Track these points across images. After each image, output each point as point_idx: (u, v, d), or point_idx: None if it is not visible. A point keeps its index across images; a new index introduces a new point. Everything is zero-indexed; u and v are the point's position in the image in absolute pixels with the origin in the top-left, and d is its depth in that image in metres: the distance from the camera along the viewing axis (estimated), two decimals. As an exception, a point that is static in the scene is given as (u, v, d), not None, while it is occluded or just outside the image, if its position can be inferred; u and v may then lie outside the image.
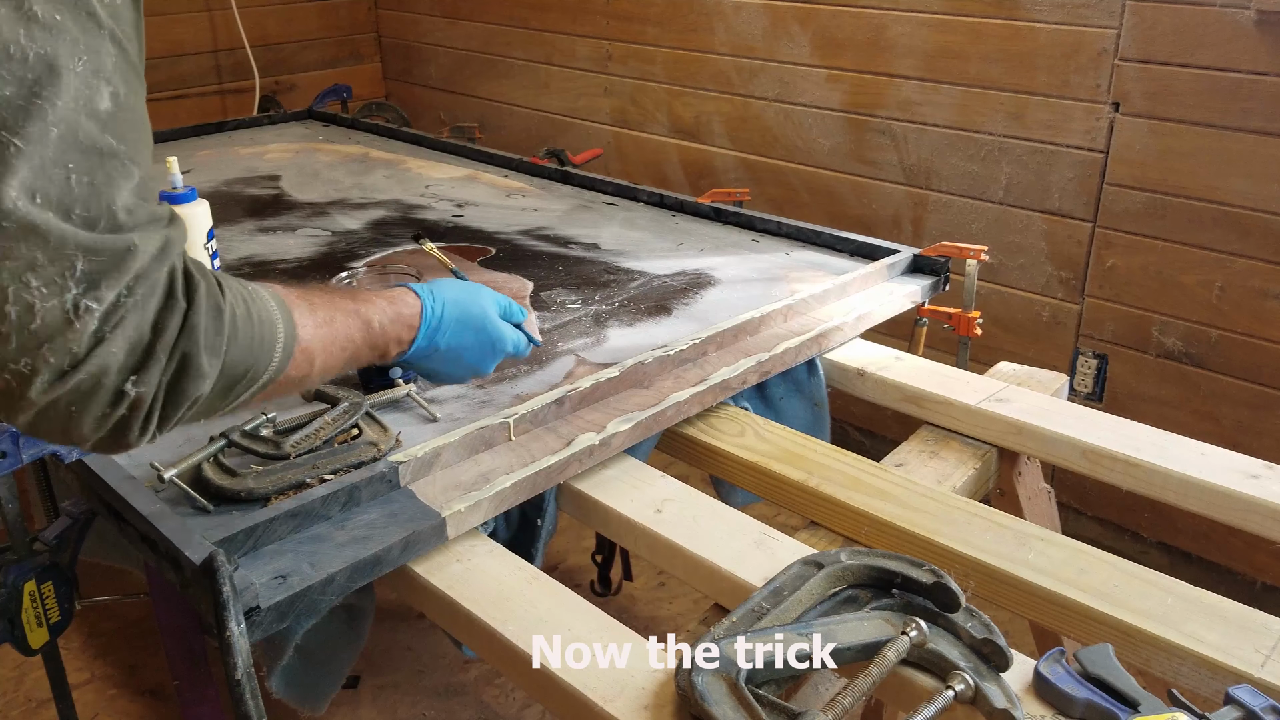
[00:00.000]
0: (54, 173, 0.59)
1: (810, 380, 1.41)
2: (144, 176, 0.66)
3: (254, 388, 0.77)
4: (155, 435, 0.69)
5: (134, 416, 0.66)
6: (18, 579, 1.02)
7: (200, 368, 0.69)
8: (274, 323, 0.79)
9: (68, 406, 0.63)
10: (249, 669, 0.79)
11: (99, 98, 0.61)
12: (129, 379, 0.65)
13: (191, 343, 0.68)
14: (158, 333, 0.66)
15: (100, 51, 0.62)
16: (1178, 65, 1.86)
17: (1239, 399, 1.95)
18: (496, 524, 1.09)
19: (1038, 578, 0.97)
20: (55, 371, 0.62)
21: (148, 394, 0.66)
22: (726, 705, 0.76)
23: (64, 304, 0.61)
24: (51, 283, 0.60)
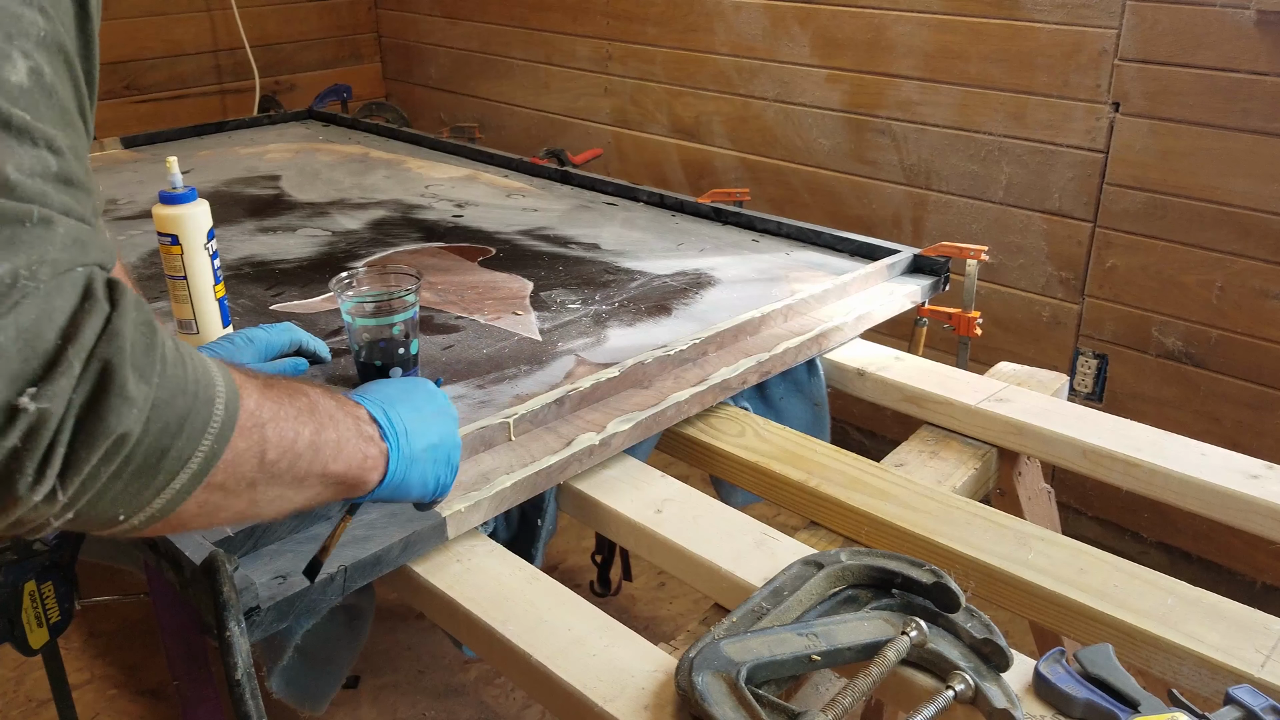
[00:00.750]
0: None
1: (810, 380, 1.41)
2: (65, 170, 0.53)
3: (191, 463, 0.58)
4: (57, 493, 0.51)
5: (28, 450, 0.49)
6: (18, 579, 1.02)
7: (125, 387, 0.52)
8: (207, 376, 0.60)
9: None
10: (249, 669, 0.79)
11: (9, 67, 0.50)
12: (25, 389, 0.48)
13: (115, 350, 0.52)
14: (69, 336, 0.50)
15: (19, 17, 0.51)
16: (1178, 65, 1.86)
17: (1239, 399, 1.95)
18: (496, 524, 1.09)
19: (1038, 578, 0.97)
20: None
21: (51, 413, 0.49)
22: (726, 705, 0.76)
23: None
24: None
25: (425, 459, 0.81)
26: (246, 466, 0.63)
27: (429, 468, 0.82)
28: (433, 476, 0.83)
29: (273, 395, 0.66)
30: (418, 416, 0.81)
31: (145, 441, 0.54)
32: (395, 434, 0.78)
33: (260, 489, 0.66)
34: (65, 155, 0.53)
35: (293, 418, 0.67)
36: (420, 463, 0.81)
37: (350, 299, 1.18)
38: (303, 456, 0.68)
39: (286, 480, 0.68)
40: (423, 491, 0.83)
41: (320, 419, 0.71)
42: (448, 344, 1.36)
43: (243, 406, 0.62)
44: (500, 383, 1.25)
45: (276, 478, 0.66)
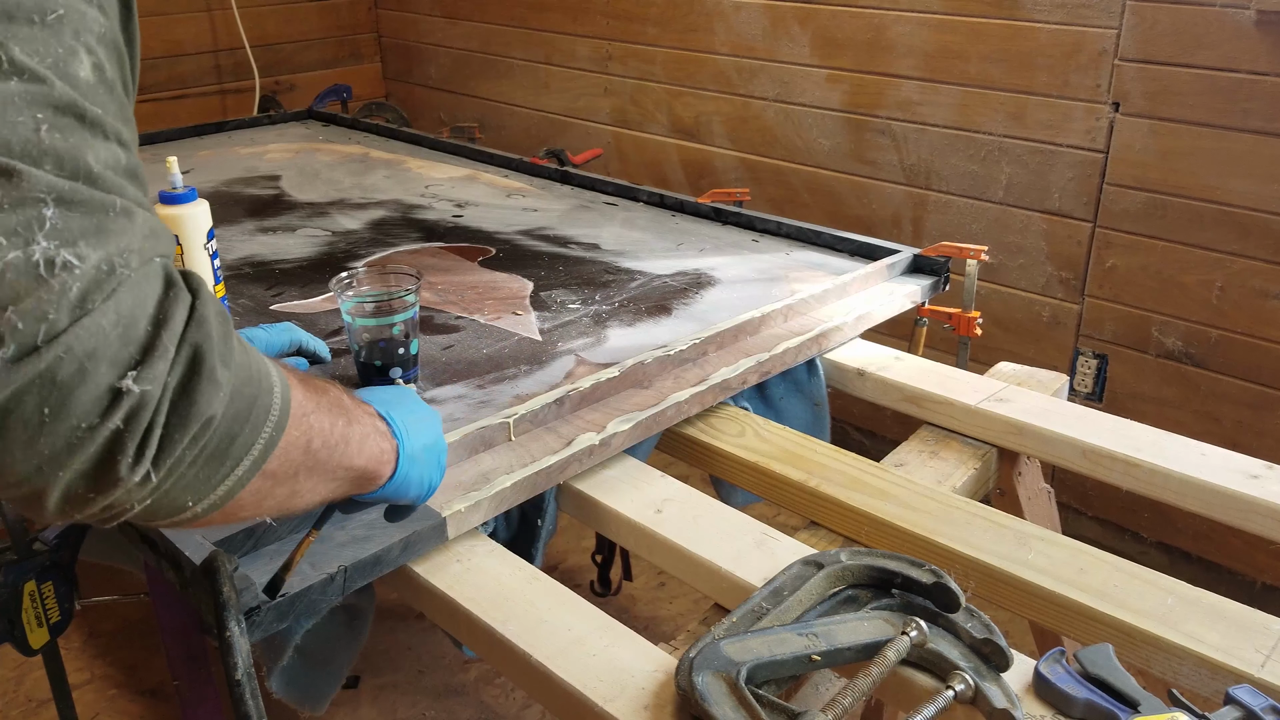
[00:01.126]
0: (18, 122, 0.49)
1: (810, 380, 1.41)
2: (132, 164, 0.55)
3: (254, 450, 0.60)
4: (150, 475, 0.53)
5: (130, 432, 0.51)
6: (18, 579, 1.02)
7: (213, 370, 0.55)
8: (264, 366, 0.63)
9: (40, 406, 0.49)
10: (249, 669, 0.79)
11: (77, 62, 0.52)
12: (127, 373, 0.51)
13: (203, 336, 0.55)
14: (161, 321, 0.53)
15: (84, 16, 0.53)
16: (1178, 65, 1.86)
17: (1239, 399, 1.95)
18: (496, 524, 1.09)
19: (1038, 578, 0.97)
20: (24, 343, 0.48)
21: (152, 395, 0.52)
22: (726, 705, 0.76)
23: (30, 256, 0.48)
24: (12, 232, 0.48)
25: (423, 458, 0.83)
26: (295, 455, 0.65)
27: (425, 468, 0.84)
28: (428, 476, 0.85)
29: (310, 388, 0.69)
30: (414, 418, 0.83)
31: (222, 426, 0.56)
32: (400, 433, 0.80)
33: (302, 478, 0.68)
34: (130, 149, 0.55)
35: (328, 410, 0.70)
36: (419, 462, 0.83)
37: (350, 299, 1.18)
38: (337, 448, 0.71)
39: (323, 471, 0.70)
40: (419, 490, 0.84)
41: (348, 413, 0.73)
42: (448, 344, 1.36)
43: (294, 397, 0.64)
44: (500, 383, 1.25)
45: (316, 468, 0.69)
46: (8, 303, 0.47)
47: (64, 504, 0.53)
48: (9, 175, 0.48)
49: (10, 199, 0.48)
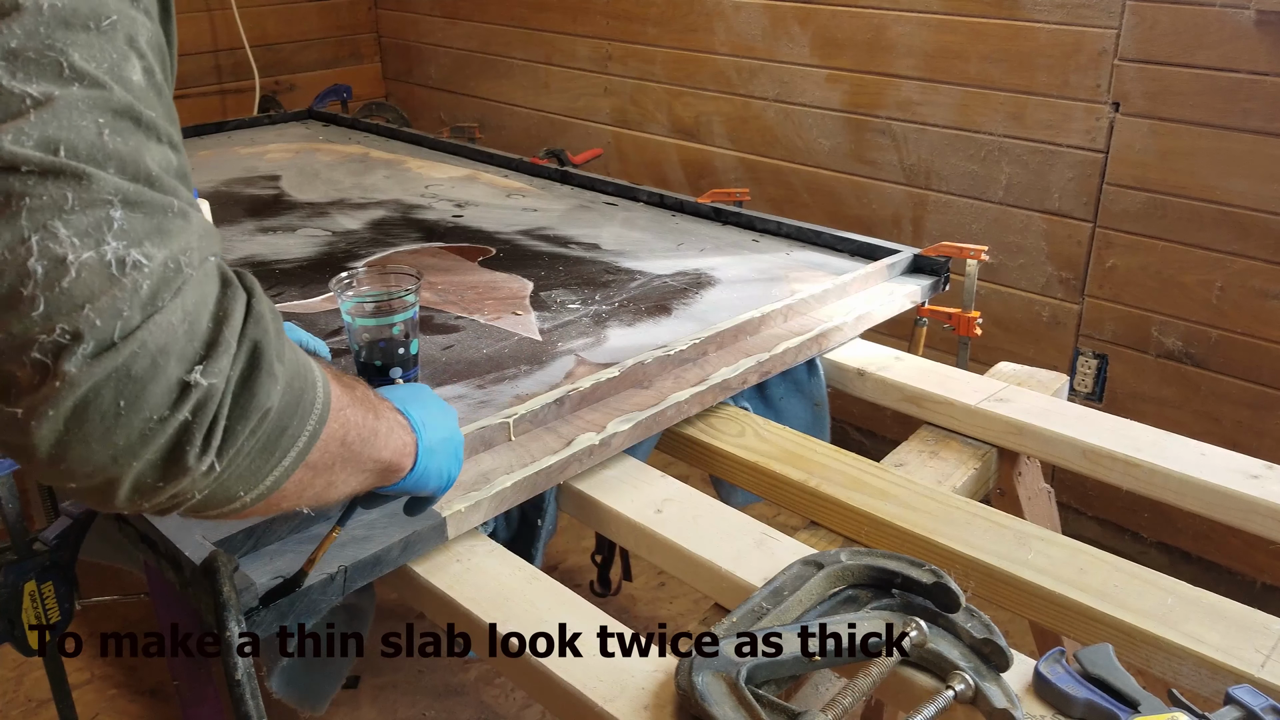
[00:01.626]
0: (82, 126, 0.51)
1: (810, 380, 1.41)
2: (182, 165, 0.57)
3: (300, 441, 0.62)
4: (214, 466, 0.56)
5: (197, 422, 0.54)
6: (18, 579, 1.02)
7: (271, 365, 0.58)
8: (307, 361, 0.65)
9: (116, 399, 0.51)
10: (249, 669, 0.79)
11: (130, 66, 0.54)
12: (194, 367, 0.53)
13: (261, 331, 0.57)
14: (221, 318, 0.55)
15: (134, 21, 0.55)
16: (1178, 65, 1.86)
17: (1239, 399, 1.95)
18: (496, 524, 1.09)
19: (1038, 578, 0.97)
20: (102, 339, 0.50)
21: (217, 388, 0.54)
22: (726, 705, 0.76)
23: (103, 256, 0.50)
24: (85, 233, 0.49)
25: (441, 450, 0.84)
26: (333, 447, 0.67)
27: (443, 460, 0.85)
28: (446, 468, 0.86)
29: (341, 384, 0.70)
30: (430, 413, 0.84)
31: (275, 418, 0.59)
32: (418, 426, 0.82)
33: (337, 470, 0.69)
34: (180, 151, 0.57)
35: (359, 405, 0.72)
36: (438, 454, 0.84)
37: (350, 299, 1.18)
38: (368, 441, 0.73)
39: (355, 462, 0.72)
40: (439, 482, 0.86)
41: (374, 408, 0.75)
42: (448, 344, 1.36)
43: (332, 391, 0.66)
44: (500, 383, 1.25)
45: (350, 460, 0.71)
46: (85, 301, 0.49)
47: (134, 493, 0.55)
48: (79, 178, 0.50)
49: (81, 201, 0.50)
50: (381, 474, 0.77)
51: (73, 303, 0.49)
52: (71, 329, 0.49)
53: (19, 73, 0.50)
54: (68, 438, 0.51)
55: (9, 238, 0.48)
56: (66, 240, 0.49)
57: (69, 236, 0.49)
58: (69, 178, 0.50)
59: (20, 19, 0.50)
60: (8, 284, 0.48)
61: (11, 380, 0.49)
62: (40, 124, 0.50)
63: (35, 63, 0.50)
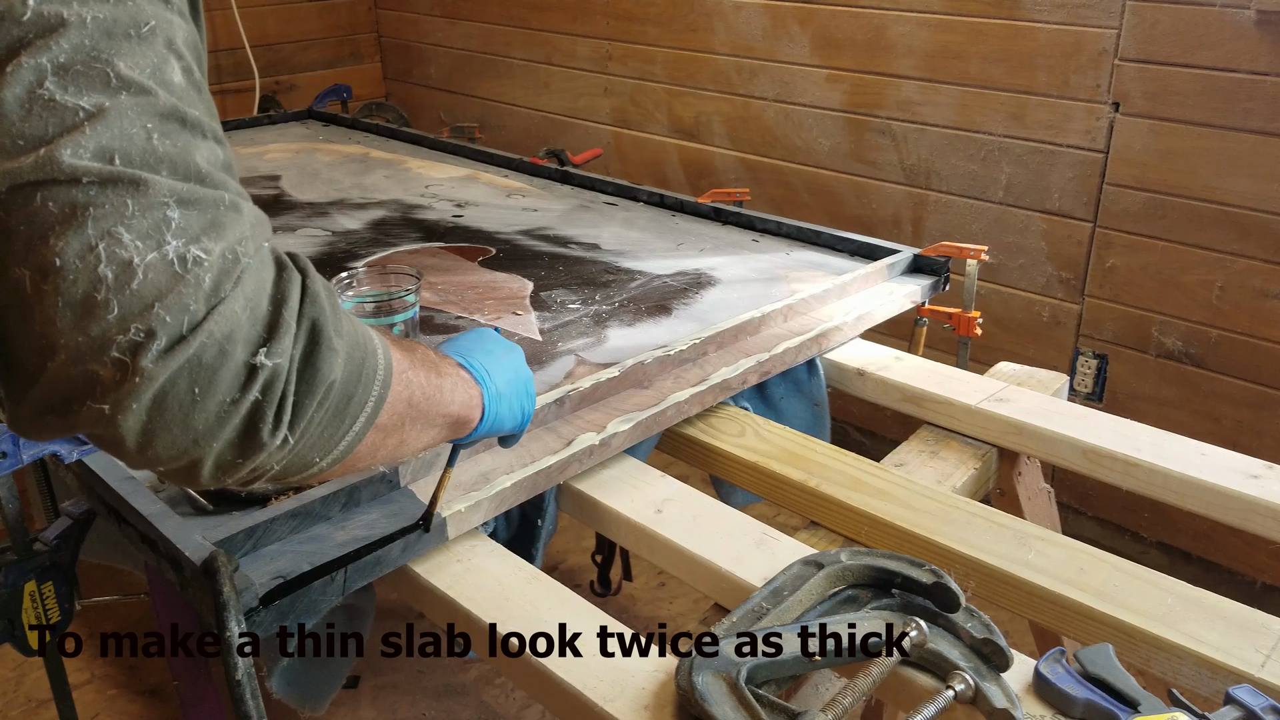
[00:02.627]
0: (133, 133, 0.54)
1: (810, 380, 1.41)
2: (228, 158, 0.60)
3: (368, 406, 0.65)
4: (287, 439, 0.59)
5: (267, 401, 0.57)
6: (18, 579, 1.02)
7: (330, 340, 0.61)
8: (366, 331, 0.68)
9: (191, 387, 0.54)
10: (249, 669, 0.79)
11: (170, 69, 0.56)
12: (259, 350, 0.57)
13: (318, 310, 0.60)
14: (280, 301, 0.58)
15: (171, 24, 0.57)
16: (1178, 65, 1.86)
17: (1239, 399, 1.95)
18: (496, 524, 1.09)
19: (1038, 578, 0.97)
20: (173, 334, 0.53)
21: (282, 367, 0.58)
22: (726, 705, 0.76)
23: (165, 255, 0.53)
24: (146, 235, 0.53)
25: (510, 392, 0.88)
26: (400, 408, 0.70)
27: (515, 400, 0.89)
28: (519, 407, 0.90)
29: (401, 348, 0.74)
30: (492, 358, 0.88)
31: (340, 388, 0.62)
32: (481, 377, 0.85)
33: (407, 428, 0.73)
34: (224, 144, 0.60)
35: (421, 366, 0.75)
36: (507, 397, 0.87)
37: (350, 299, 1.18)
38: (434, 399, 0.76)
39: (424, 420, 0.75)
40: (514, 421, 0.89)
41: (436, 367, 0.79)
42: (448, 344, 1.36)
43: (392, 356, 0.69)
44: (500, 383, 1.25)
45: (418, 418, 0.74)
46: (153, 299, 0.53)
47: (217, 471, 0.59)
48: (136, 184, 0.53)
49: (139, 205, 0.53)
50: (453, 427, 0.81)
51: (143, 303, 0.52)
52: (145, 327, 0.52)
53: (70, 86, 0.52)
54: (152, 426, 0.55)
55: (78, 247, 0.51)
56: (131, 244, 0.52)
57: (133, 240, 0.52)
58: (126, 185, 0.52)
59: (67, 34, 0.53)
60: (82, 291, 0.52)
61: (95, 379, 0.53)
62: (95, 135, 0.52)
63: (84, 75, 0.53)
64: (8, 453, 0.91)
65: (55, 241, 0.51)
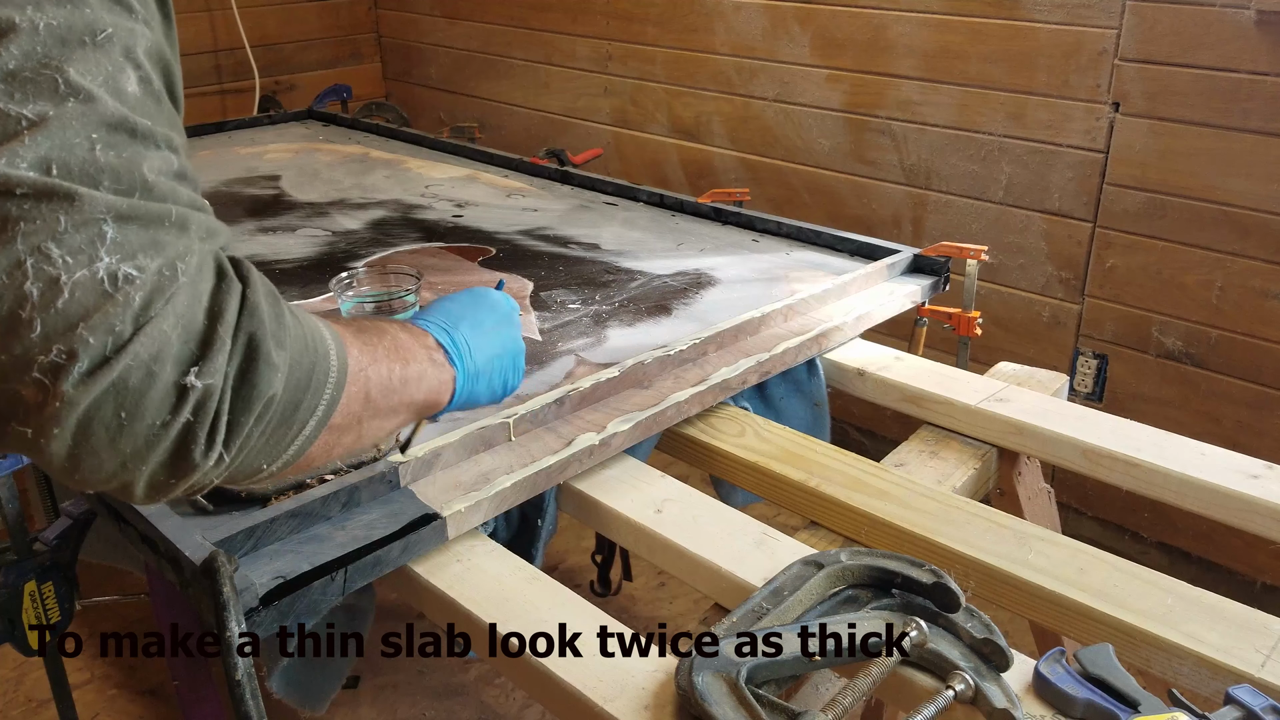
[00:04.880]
0: (75, 144, 0.52)
1: (810, 380, 1.41)
2: (182, 166, 0.59)
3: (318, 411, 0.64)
4: (223, 457, 0.58)
5: (199, 423, 0.55)
6: (18, 579, 1.02)
7: (269, 354, 0.59)
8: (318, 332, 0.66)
9: (116, 411, 0.52)
10: (249, 669, 0.79)
11: (125, 79, 0.55)
12: (190, 369, 0.55)
13: (256, 323, 0.58)
14: (215, 315, 0.56)
15: (132, 32, 0.56)
16: (1178, 65, 1.86)
17: (1239, 399, 1.95)
18: (496, 524, 1.09)
19: (1038, 578, 0.97)
20: (95, 356, 0.51)
21: (215, 387, 0.55)
22: (726, 705, 0.76)
23: (95, 273, 0.51)
24: (77, 251, 0.51)
25: (489, 370, 0.88)
26: (355, 406, 0.70)
27: (494, 377, 0.90)
28: (499, 384, 0.91)
29: (365, 339, 0.74)
30: (479, 331, 0.87)
31: (284, 399, 0.61)
32: (460, 355, 0.85)
33: (365, 423, 0.72)
34: (180, 153, 0.59)
35: (385, 358, 0.75)
36: (485, 374, 0.88)
37: (350, 299, 1.18)
38: (396, 391, 0.76)
39: (384, 413, 0.75)
40: (491, 397, 0.91)
41: (404, 355, 0.78)
42: (448, 344, 1.36)
43: (349, 354, 0.69)
44: (500, 383, 1.25)
45: (378, 412, 0.74)
46: (78, 320, 0.51)
47: (150, 491, 0.58)
48: (70, 199, 0.51)
49: (73, 221, 0.51)
50: (418, 411, 0.81)
51: (67, 322, 0.50)
52: (67, 348, 0.50)
53: (16, 93, 0.51)
54: (77, 451, 0.53)
55: (5, 263, 0.50)
56: (59, 260, 0.50)
57: (61, 256, 0.50)
58: (61, 198, 0.51)
59: (17, 40, 0.51)
60: (7, 308, 0.50)
61: (19, 400, 0.51)
62: (34, 145, 0.51)
63: (33, 82, 0.51)
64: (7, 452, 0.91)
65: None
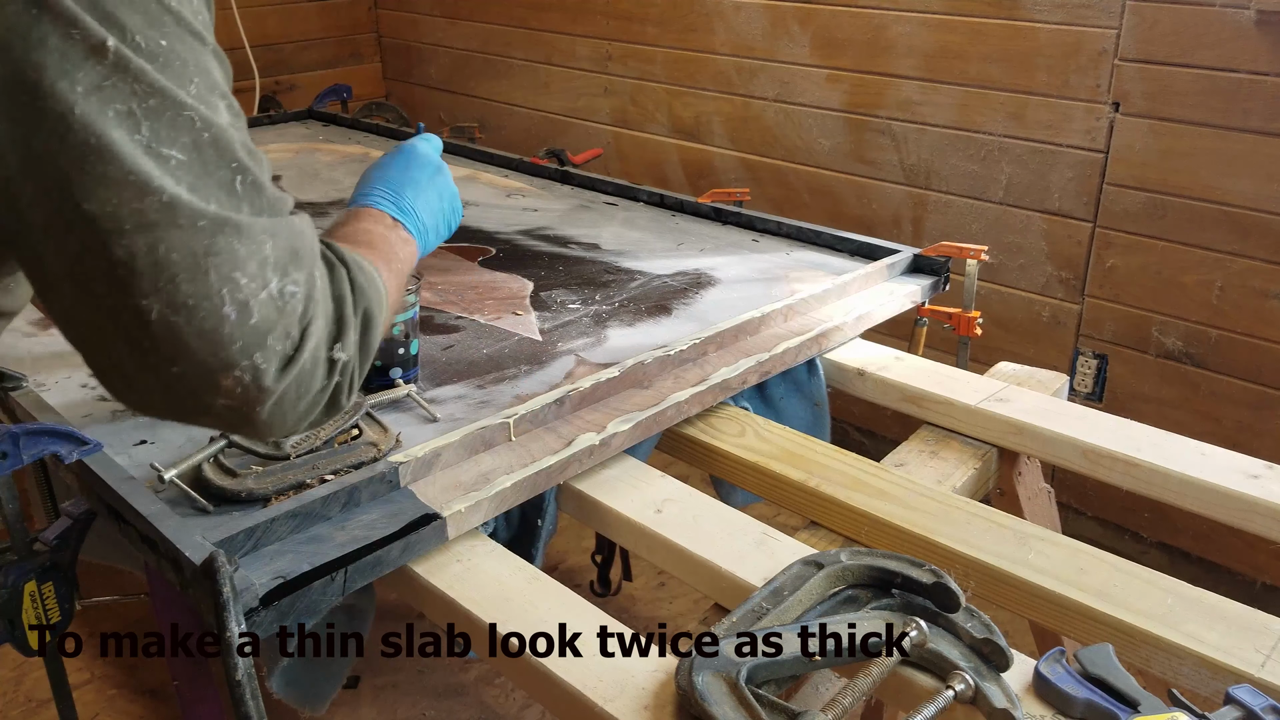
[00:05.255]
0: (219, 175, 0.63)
1: (810, 380, 1.41)
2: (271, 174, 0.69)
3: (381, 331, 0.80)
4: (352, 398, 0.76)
5: (344, 381, 0.72)
6: (18, 579, 1.02)
7: (376, 320, 0.76)
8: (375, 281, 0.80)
9: (298, 388, 0.68)
10: (249, 669, 0.79)
11: (217, 112, 0.64)
12: (334, 346, 0.70)
13: (366, 299, 0.75)
14: (341, 301, 0.72)
15: (210, 70, 0.65)
16: (1178, 65, 1.86)
17: (1239, 399, 1.95)
18: (496, 524, 1.09)
19: (1038, 578, 0.97)
20: (283, 357, 0.66)
21: (353, 358, 0.72)
22: (726, 705, 0.76)
23: (270, 294, 0.64)
24: (255, 276, 0.63)
25: (436, 222, 1.01)
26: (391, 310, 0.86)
27: (440, 226, 1.02)
28: (444, 228, 1.04)
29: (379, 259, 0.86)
30: (418, 190, 0.99)
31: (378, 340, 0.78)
32: (413, 222, 0.97)
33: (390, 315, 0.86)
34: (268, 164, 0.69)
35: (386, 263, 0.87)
36: (433, 228, 1.01)
37: (350, 299, 1.18)
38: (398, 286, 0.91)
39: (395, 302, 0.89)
40: (440, 240, 1.03)
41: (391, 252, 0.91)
42: (448, 344, 1.36)
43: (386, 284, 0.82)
44: (500, 383, 1.25)
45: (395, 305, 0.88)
46: (266, 332, 0.64)
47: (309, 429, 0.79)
48: (238, 229, 0.63)
49: (247, 249, 0.63)
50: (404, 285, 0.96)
51: (258, 336, 0.64)
52: (263, 356, 0.65)
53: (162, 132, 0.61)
54: (270, 420, 0.68)
55: (205, 291, 0.62)
56: (245, 286, 0.63)
57: (246, 283, 0.63)
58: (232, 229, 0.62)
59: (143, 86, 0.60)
60: (210, 326, 0.62)
61: (221, 389, 0.64)
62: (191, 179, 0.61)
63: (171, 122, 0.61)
64: (8, 453, 0.91)
65: (185, 285, 0.61)
